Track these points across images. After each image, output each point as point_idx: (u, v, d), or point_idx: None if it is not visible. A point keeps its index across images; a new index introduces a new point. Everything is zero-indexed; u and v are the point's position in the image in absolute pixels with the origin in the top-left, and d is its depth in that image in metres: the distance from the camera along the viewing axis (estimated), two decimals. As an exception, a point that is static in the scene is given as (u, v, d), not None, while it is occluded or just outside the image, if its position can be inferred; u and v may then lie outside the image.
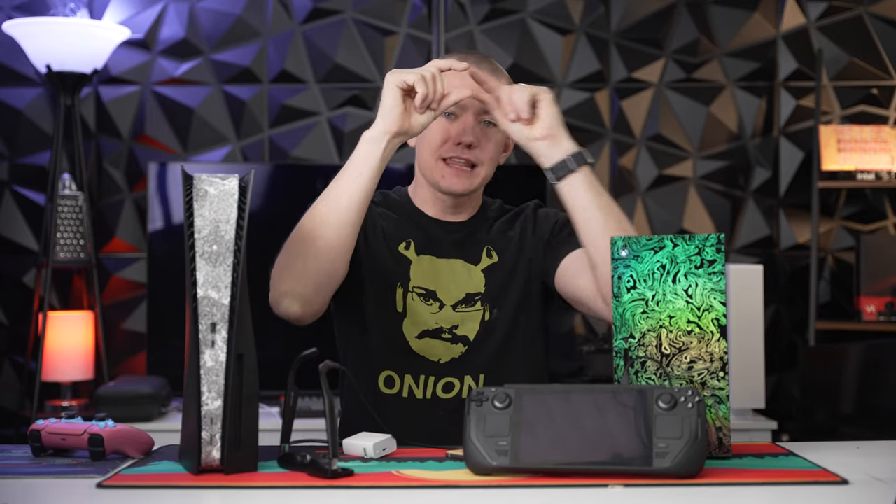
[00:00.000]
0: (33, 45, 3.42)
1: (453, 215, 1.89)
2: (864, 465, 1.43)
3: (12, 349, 3.67)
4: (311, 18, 3.72)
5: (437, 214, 1.90)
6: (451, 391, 1.82)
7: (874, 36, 3.73)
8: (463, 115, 1.80)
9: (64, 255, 3.46)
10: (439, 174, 1.82)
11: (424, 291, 1.83)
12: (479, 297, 1.84)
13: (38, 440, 1.52)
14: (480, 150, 1.81)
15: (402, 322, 1.82)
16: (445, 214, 1.89)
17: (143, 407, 3.14)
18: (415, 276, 1.84)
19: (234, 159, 3.70)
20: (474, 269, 1.86)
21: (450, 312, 1.83)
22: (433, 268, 1.85)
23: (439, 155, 1.81)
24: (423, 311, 1.82)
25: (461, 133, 1.79)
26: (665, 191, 3.75)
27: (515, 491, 1.30)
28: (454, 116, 1.80)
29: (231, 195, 1.42)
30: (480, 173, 1.82)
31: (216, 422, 1.37)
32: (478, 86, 1.74)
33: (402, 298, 1.83)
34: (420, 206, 1.90)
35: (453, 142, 1.79)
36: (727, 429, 1.48)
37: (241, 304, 1.38)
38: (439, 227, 1.88)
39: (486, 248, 1.87)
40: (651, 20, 3.75)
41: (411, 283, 1.84)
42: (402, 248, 1.86)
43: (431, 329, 1.82)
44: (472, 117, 1.79)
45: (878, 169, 3.53)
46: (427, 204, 1.90)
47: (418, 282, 1.84)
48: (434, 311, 1.83)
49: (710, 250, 1.48)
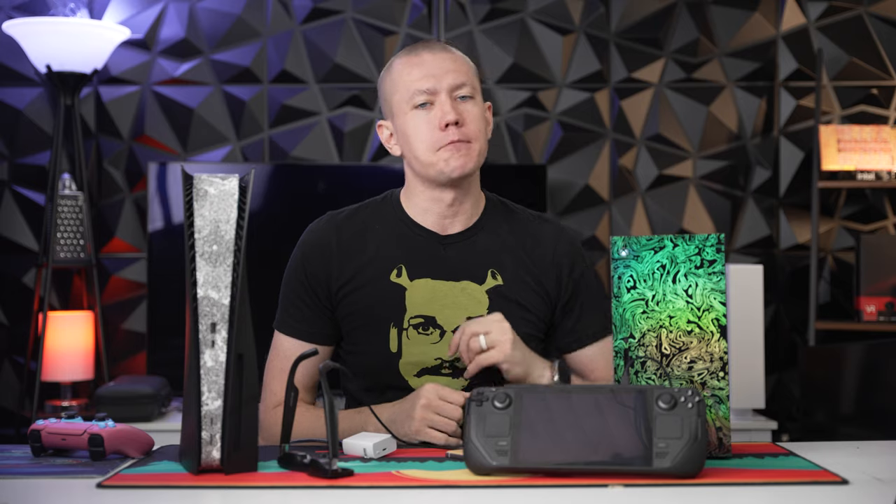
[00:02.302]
0: (33, 45, 3.41)
1: (452, 221, 1.80)
2: (864, 465, 1.43)
3: (12, 349, 3.67)
4: (311, 18, 3.72)
5: (433, 224, 1.80)
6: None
7: (874, 36, 3.73)
8: (437, 99, 1.74)
9: (64, 255, 3.46)
10: (442, 161, 1.74)
11: (423, 319, 1.76)
12: None
13: (38, 440, 1.52)
14: (467, 125, 1.74)
15: (398, 363, 1.76)
16: (442, 222, 1.80)
17: (143, 407, 3.13)
18: (411, 305, 1.76)
19: (234, 159, 3.70)
20: (478, 288, 1.78)
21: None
22: (431, 291, 1.77)
23: (434, 147, 1.74)
24: (421, 345, 1.76)
25: (442, 115, 1.73)
26: (665, 191, 3.75)
27: (515, 491, 1.30)
28: (429, 105, 1.75)
29: (231, 195, 1.42)
30: (475, 148, 1.75)
31: (216, 422, 1.37)
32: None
33: (396, 338, 1.76)
34: (415, 217, 1.81)
35: (439, 127, 1.73)
36: (727, 429, 1.48)
37: (241, 304, 1.38)
38: (437, 243, 1.80)
39: (490, 271, 1.79)
40: (651, 20, 3.75)
41: (407, 315, 1.76)
42: (395, 277, 1.77)
43: (431, 366, 1.76)
44: (446, 97, 1.74)
45: (878, 169, 3.53)
46: (423, 213, 1.81)
47: (415, 310, 1.76)
48: (434, 341, 1.76)
49: (710, 250, 1.48)
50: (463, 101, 1.76)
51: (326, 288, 1.79)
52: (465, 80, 1.76)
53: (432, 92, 1.74)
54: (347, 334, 1.80)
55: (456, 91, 1.75)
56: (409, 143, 1.77)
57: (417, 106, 1.75)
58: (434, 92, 1.74)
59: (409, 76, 1.76)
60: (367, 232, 1.81)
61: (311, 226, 1.84)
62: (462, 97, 1.76)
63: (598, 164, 3.73)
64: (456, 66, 1.76)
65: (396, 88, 1.77)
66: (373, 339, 1.77)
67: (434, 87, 1.74)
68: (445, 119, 1.73)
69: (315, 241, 1.81)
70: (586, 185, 3.73)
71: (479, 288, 1.78)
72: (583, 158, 3.73)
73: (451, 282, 1.77)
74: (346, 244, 1.80)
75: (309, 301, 1.80)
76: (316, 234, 1.82)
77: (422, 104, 1.75)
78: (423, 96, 1.74)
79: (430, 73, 1.75)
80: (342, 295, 1.78)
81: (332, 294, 1.79)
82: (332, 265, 1.79)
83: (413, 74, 1.75)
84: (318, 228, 1.83)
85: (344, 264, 1.79)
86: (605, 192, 3.74)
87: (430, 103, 1.75)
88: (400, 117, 1.78)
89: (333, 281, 1.79)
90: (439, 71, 1.75)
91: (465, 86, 1.76)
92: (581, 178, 3.73)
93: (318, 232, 1.82)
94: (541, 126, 3.73)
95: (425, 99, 1.74)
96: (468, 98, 1.76)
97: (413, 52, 1.78)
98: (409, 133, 1.76)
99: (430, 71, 1.75)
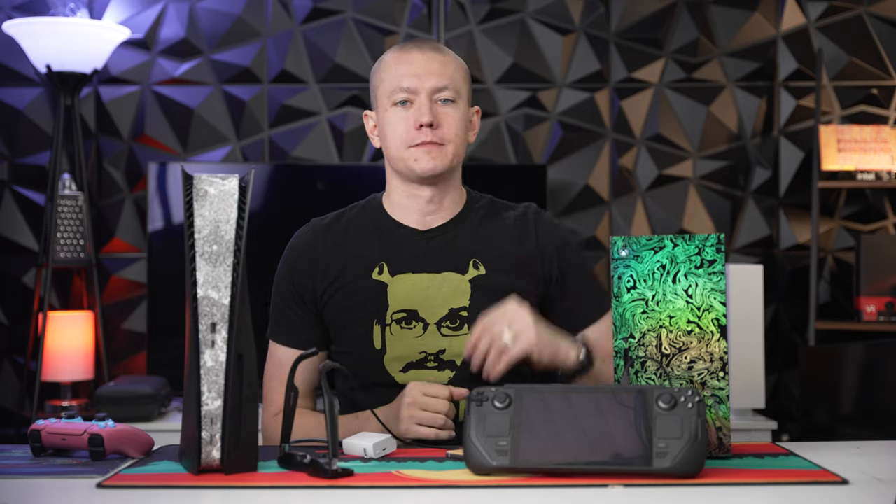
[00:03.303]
0: (33, 45, 3.41)
1: (433, 216, 1.82)
2: (864, 465, 1.43)
3: (12, 349, 3.67)
4: (311, 18, 3.72)
5: (414, 222, 1.82)
6: None
7: (874, 36, 3.73)
8: (416, 99, 1.77)
9: (64, 255, 3.46)
10: (412, 159, 1.76)
11: (405, 314, 1.77)
12: (464, 313, 1.77)
13: (38, 440, 1.52)
14: (443, 128, 1.76)
15: (384, 359, 1.77)
16: (424, 218, 1.82)
17: (143, 407, 3.13)
18: (393, 301, 1.78)
19: (234, 159, 3.70)
20: (460, 279, 1.79)
21: (435, 335, 1.76)
22: (412, 286, 1.78)
23: (406, 143, 1.77)
24: (405, 339, 1.77)
25: (418, 115, 1.75)
26: (665, 191, 3.75)
27: (515, 491, 1.30)
28: (409, 103, 1.77)
29: (231, 195, 1.42)
30: (450, 151, 1.77)
31: (216, 422, 1.37)
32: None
33: (380, 335, 1.77)
34: (395, 216, 1.83)
35: (414, 126, 1.75)
36: (727, 429, 1.48)
37: (241, 304, 1.38)
38: (417, 238, 1.81)
39: (472, 261, 1.80)
40: (651, 20, 3.75)
41: (390, 311, 1.77)
42: (376, 275, 1.79)
43: (416, 360, 1.77)
44: (426, 98, 1.76)
45: (878, 169, 3.53)
46: (405, 211, 1.83)
47: (397, 305, 1.77)
48: (418, 335, 1.76)
49: (710, 250, 1.48)
50: (444, 104, 1.78)
51: (313, 293, 1.82)
52: (447, 83, 1.78)
53: (413, 91, 1.77)
54: (335, 336, 1.83)
55: (437, 94, 1.77)
56: (385, 137, 1.81)
57: (397, 103, 1.78)
58: (415, 91, 1.77)
59: (395, 72, 1.79)
60: (349, 234, 1.84)
61: (297, 233, 1.88)
62: (443, 100, 1.78)
63: (598, 164, 3.73)
64: (442, 69, 1.78)
65: (382, 82, 1.81)
66: (358, 338, 1.79)
67: (415, 87, 1.77)
68: (420, 120, 1.76)
69: (301, 248, 1.85)
70: (586, 185, 3.73)
71: (462, 278, 1.79)
72: (583, 158, 3.73)
73: (433, 274, 1.79)
74: (330, 248, 1.83)
75: (298, 310, 1.83)
76: (301, 241, 1.86)
77: (402, 101, 1.78)
78: (404, 94, 1.77)
79: (414, 73, 1.77)
80: (327, 297, 1.81)
81: (318, 298, 1.82)
82: (318, 270, 1.82)
83: (399, 71, 1.78)
84: (302, 235, 1.87)
85: (328, 267, 1.82)
86: (605, 192, 3.74)
87: (410, 102, 1.77)
88: (381, 111, 1.81)
89: (319, 284, 1.82)
90: (423, 71, 1.77)
91: (446, 89, 1.78)
92: (581, 178, 3.73)
93: (302, 238, 1.86)
94: (541, 126, 3.73)
95: (405, 97, 1.77)
96: (449, 101, 1.78)
97: (404, 50, 1.81)
98: (386, 127, 1.79)
99: (415, 70, 1.77)
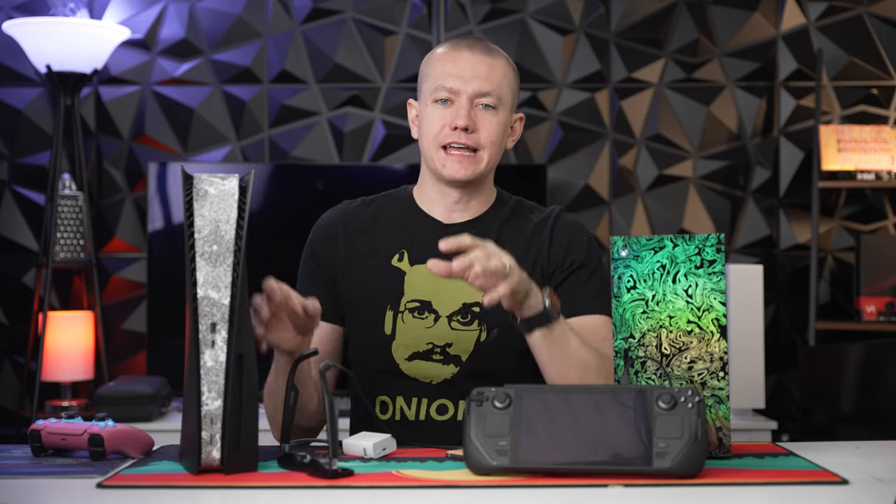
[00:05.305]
0: (33, 45, 3.41)
1: (461, 213, 1.83)
2: (864, 465, 1.43)
3: (12, 349, 3.67)
4: (311, 18, 3.72)
5: (442, 215, 1.83)
6: (445, 413, 1.77)
7: (874, 36, 3.73)
8: (457, 100, 1.76)
9: (64, 255, 3.46)
10: (440, 163, 1.77)
11: (419, 304, 1.77)
12: (476, 308, 1.76)
13: (38, 440, 1.52)
14: (479, 133, 1.76)
15: (391, 345, 1.78)
16: (452, 213, 1.83)
17: (143, 407, 3.14)
18: (409, 289, 1.78)
19: (234, 159, 3.70)
20: None
21: (444, 327, 1.77)
22: (429, 277, 1.73)
23: (438, 143, 1.77)
24: (415, 329, 1.77)
25: (455, 117, 1.75)
26: (665, 191, 3.75)
27: (515, 491, 1.30)
28: (449, 102, 1.77)
29: (231, 195, 1.42)
30: (483, 158, 1.77)
31: (216, 422, 1.37)
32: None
33: (391, 321, 1.78)
34: (424, 207, 1.84)
35: (449, 127, 1.75)
36: (727, 429, 1.48)
37: (241, 304, 1.38)
38: (439, 229, 1.80)
39: None
40: (651, 20, 3.75)
41: (404, 299, 1.78)
42: (396, 261, 1.80)
43: (422, 350, 1.77)
44: (466, 101, 1.76)
45: (878, 169, 3.53)
46: (432, 204, 1.84)
47: (413, 294, 1.78)
48: (428, 326, 1.77)
49: (710, 250, 1.48)
50: (484, 109, 1.77)
51: (331, 267, 1.84)
52: (491, 89, 1.77)
53: (455, 92, 1.77)
54: (348, 315, 1.84)
55: (478, 98, 1.77)
56: (421, 132, 1.82)
57: (438, 100, 1.78)
58: (457, 93, 1.77)
59: (441, 69, 1.78)
60: (376, 219, 1.86)
61: (327, 212, 1.91)
62: (484, 105, 1.77)
63: (598, 164, 3.74)
64: (489, 73, 1.77)
65: (427, 77, 1.81)
66: (369, 321, 1.80)
67: (458, 88, 1.76)
68: (456, 122, 1.75)
69: (325, 224, 1.88)
70: (586, 185, 3.73)
71: None
72: (583, 158, 3.73)
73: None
74: (353, 228, 1.85)
75: (317, 281, 1.84)
76: (327, 219, 1.89)
77: (442, 100, 1.78)
78: (446, 93, 1.77)
79: (460, 74, 1.77)
80: (346, 273, 1.83)
81: (337, 275, 1.83)
82: (338, 247, 1.84)
83: (445, 69, 1.78)
84: (331, 211, 1.90)
85: (350, 246, 1.84)
86: (605, 192, 3.74)
87: (451, 102, 1.77)
88: (423, 104, 1.82)
89: (338, 262, 1.84)
90: (469, 74, 1.77)
91: (489, 95, 1.77)
92: (581, 178, 3.73)
93: (331, 214, 1.89)
94: (541, 126, 3.73)
95: (447, 96, 1.77)
96: (490, 108, 1.78)
97: (455, 47, 1.80)
98: (424, 122, 1.81)
99: (461, 71, 1.77)
